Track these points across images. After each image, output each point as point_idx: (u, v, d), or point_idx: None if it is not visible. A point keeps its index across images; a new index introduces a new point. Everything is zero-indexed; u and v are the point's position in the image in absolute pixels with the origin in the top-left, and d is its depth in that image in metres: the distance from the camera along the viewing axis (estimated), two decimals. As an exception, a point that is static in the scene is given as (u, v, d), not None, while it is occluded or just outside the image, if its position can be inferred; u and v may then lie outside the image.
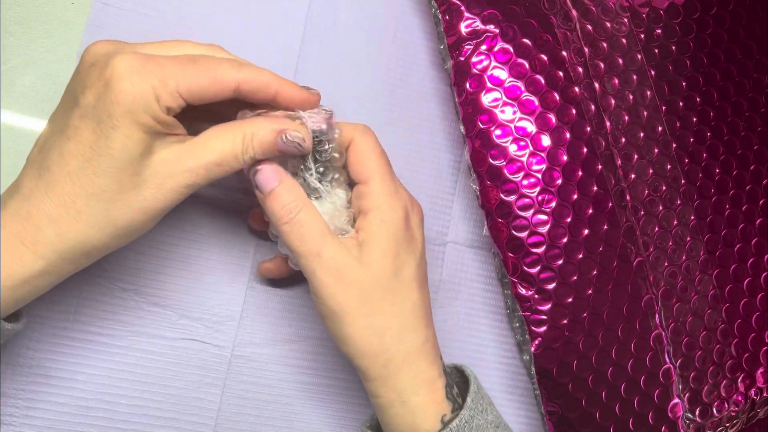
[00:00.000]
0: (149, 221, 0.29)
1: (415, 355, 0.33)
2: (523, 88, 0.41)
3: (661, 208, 0.43)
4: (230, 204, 0.39)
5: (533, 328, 0.40)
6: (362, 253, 0.32)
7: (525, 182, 0.40)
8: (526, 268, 0.40)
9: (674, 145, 0.44)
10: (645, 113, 0.43)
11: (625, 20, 0.43)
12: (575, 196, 0.41)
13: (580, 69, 0.42)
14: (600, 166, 0.42)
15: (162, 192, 0.29)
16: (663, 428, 0.42)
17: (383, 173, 0.33)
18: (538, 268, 0.40)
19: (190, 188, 0.29)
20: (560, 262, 0.40)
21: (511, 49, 0.41)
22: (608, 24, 0.43)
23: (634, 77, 0.43)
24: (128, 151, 0.27)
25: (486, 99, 0.40)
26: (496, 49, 0.41)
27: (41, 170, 0.28)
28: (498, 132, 0.40)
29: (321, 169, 0.33)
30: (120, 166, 0.27)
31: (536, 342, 0.40)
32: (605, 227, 0.41)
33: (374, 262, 0.32)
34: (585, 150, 0.41)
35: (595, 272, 0.41)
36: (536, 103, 0.41)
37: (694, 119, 0.44)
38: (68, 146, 0.28)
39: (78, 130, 0.28)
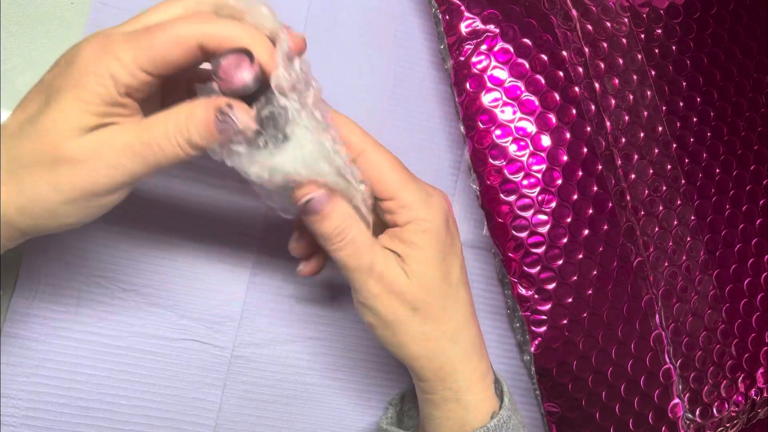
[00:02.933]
0: (63, 204, 0.26)
1: (469, 355, 0.33)
2: (523, 88, 0.41)
3: (661, 208, 0.43)
4: (231, 204, 0.39)
5: (533, 328, 0.40)
6: (410, 264, 0.31)
7: (525, 182, 0.40)
8: (526, 268, 0.40)
9: (674, 145, 0.43)
10: (645, 113, 0.43)
11: (626, 20, 0.43)
12: (575, 197, 0.41)
13: (581, 69, 0.42)
14: (600, 166, 0.42)
15: (81, 171, 0.26)
16: (663, 428, 0.42)
17: (408, 182, 0.32)
18: (538, 268, 0.40)
19: (117, 172, 0.26)
20: (560, 262, 0.40)
21: (511, 49, 0.41)
22: (608, 24, 0.43)
23: (635, 77, 0.43)
24: (56, 123, 0.26)
25: (486, 99, 0.40)
26: (496, 49, 0.41)
27: None
28: (498, 132, 0.40)
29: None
30: (44, 135, 0.26)
31: (536, 342, 0.40)
32: (605, 227, 0.41)
33: (423, 272, 0.31)
34: (585, 150, 0.41)
35: (595, 272, 0.41)
36: (536, 103, 0.41)
37: (695, 119, 0.44)
38: (15, 114, 0.27)
39: (29, 102, 0.27)
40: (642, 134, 0.43)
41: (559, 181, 0.41)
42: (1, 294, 0.34)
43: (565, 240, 0.40)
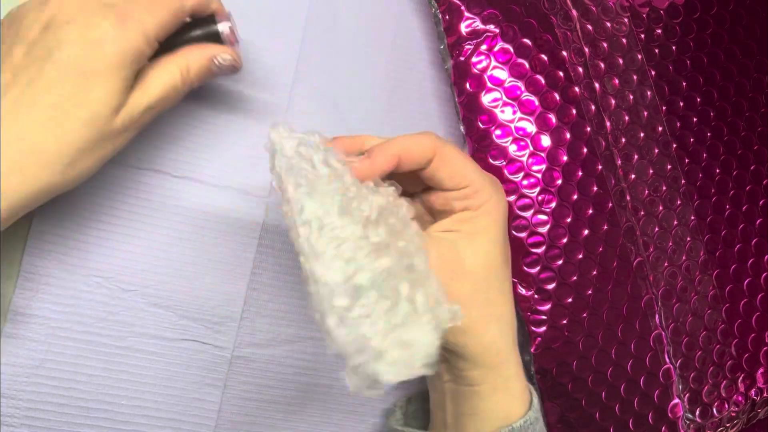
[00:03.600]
0: (98, 168, 0.30)
1: (515, 341, 0.33)
2: (523, 88, 0.41)
3: (661, 208, 0.43)
4: (231, 204, 0.39)
5: (533, 328, 0.40)
6: (478, 244, 0.32)
7: (525, 182, 0.40)
8: (525, 268, 0.40)
9: (674, 145, 0.43)
10: (645, 113, 0.43)
11: (626, 20, 0.43)
12: (575, 197, 0.41)
13: (581, 69, 0.42)
14: (600, 166, 0.42)
15: (117, 142, 0.30)
16: (663, 428, 0.42)
17: (476, 169, 0.33)
18: (538, 268, 0.40)
19: (137, 130, 0.31)
20: (560, 262, 0.40)
21: (511, 49, 0.41)
22: (608, 24, 0.43)
23: (635, 77, 0.43)
24: (107, 105, 0.29)
25: (486, 99, 0.40)
26: (496, 49, 0.41)
27: (11, 120, 0.28)
28: (498, 132, 0.40)
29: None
30: (98, 118, 0.28)
31: (536, 342, 0.40)
32: (605, 227, 0.41)
33: (489, 251, 0.32)
34: (585, 150, 0.41)
35: (594, 272, 0.41)
36: (536, 103, 0.41)
37: (695, 119, 0.44)
38: (46, 99, 0.28)
39: (58, 84, 0.28)
40: (642, 134, 0.43)
41: (559, 181, 0.41)
42: (1, 294, 0.34)
43: (565, 240, 0.40)
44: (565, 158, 0.41)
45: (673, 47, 0.44)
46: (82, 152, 0.29)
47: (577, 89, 0.41)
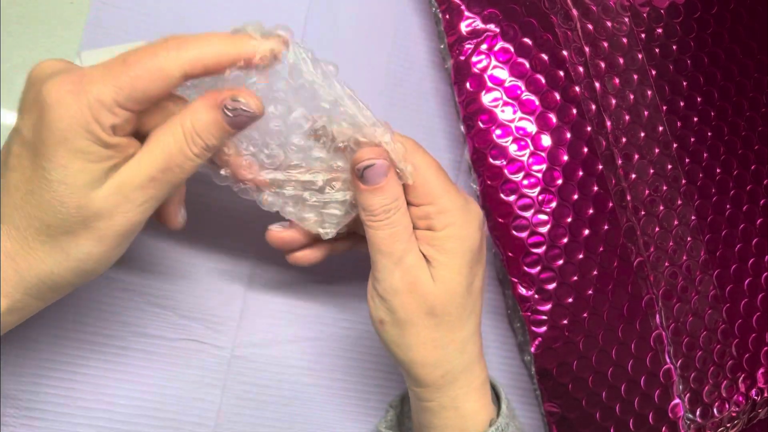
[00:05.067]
0: (111, 250, 0.27)
1: (473, 364, 0.33)
2: (523, 88, 0.41)
3: (661, 208, 0.43)
4: (230, 204, 0.39)
5: (533, 328, 0.40)
6: (438, 269, 0.31)
7: (525, 182, 0.40)
8: (526, 269, 0.40)
9: (675, 145, 0.43)
10: (646, 113, 0.43)
11: (626, 19, 0.43)
12: (575, 196, 0.41)
13: (581, 68, 0.42)
14: (600, 166, 0.42)
15: (117, 218, 0.26)
16: (663, 429, 0.42)
17: (449, 188, 0.31)
18: (539, 268, 0.40)
19: (149, 204, 0.27)
20: (560, 262, 0.40)
21: (512, 49, 0.41)
22: (609, 23, 0.43)
23: (635, 77, 0.43)
24: (68, 185, 0.25)
25: (486, 99, 0.40)
26: (496, 48, 0.40)
27: None
28: (498, 132, 0.40)
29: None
30: (62, 201, 0.25)
31: (536, 342, 0.40)
32: (605, 227, 0.41)
33: (450, 279, 0.31)
34: (585, 150, 0.41)
35: (595, 272, 0.41)
36: (537, 102, 0.41)
37: (695, 119, 0.44)
38: (13, 178, 0.26)
39: (19, 159, 0.25)
40: (642, 134, 0.43)
41: (560, 181, 0.41)
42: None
43: (565, 240, 0.40)
44: (565, 158, 0.41)
45: (674, 47, 0.44)
46: (66, 236, 0.25)
47: (577, 89, 0.41)
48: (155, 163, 0.26)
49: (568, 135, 0.41)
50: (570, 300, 0.40)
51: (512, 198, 0.40)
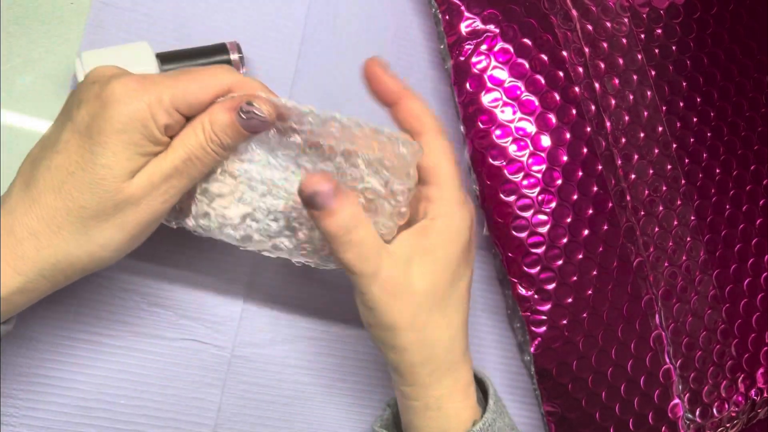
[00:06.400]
0: (129, 240, 0.29)
1: (458, 363, 0.33)
2: (523, 88, 0.41)
3: (661, 208, 0.43)
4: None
5: (533, 328, 0.40)
6: (425, 265, 0.31)
7: (525, 182, 0.40)
8: (525, 269, 0.40)
9: (674, 145, 0.43)
10: (645, 113, 0.43)
11: (626, 20, 0.43)
12: (575, 197, 0.41)
13: (581, 69, 0.42)
14: (600, 167, 0.42)
15: (142, 206, 0.28)
16: (663, 429, 0.42)
17: (455, 180, 0.32)
18: (538, 268, 0.40)
19: (171, 194, 0.29)
20: (560, 262, 0.40)
21: (511, 49, 0.41)
22: (608, 24, 0.43)
23: (635, 77, 0.43)
24: (112, 170, 0.27)
25: (486, 99, 0.40)
26: (496, 49, 0.41)
27: (29, 183, 0.28)
28: (498, 132, 0.40)
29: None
30: (102, 183, 0.27)
31: (536, 342, 0.40)
32: (605, 227, 0.41)
33: (436, 275, 0.31)
34: (585, 150, 0.41)
35: (594, 272, 0.41)
36: (536, 103, 0.41)
37: (695, 119, 0.44)
38: (56, 160, 0.28)
39: (68, 144, 0.28)
40: (642, 134, 0.43)
41: (559, 182, 0.41)
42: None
43: (565, 240, 0.40)
44: (565, 158, 0.41)
45: (673, 47, 0.44)
46: (94, 219, 0.27)
47: (577, 89, 0.41)
48: (178, 154, 0.29)
49: (568, 135, 0.41)
50: (570, 300, 0.40)
51: (512, 198, 0.40)
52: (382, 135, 0.31)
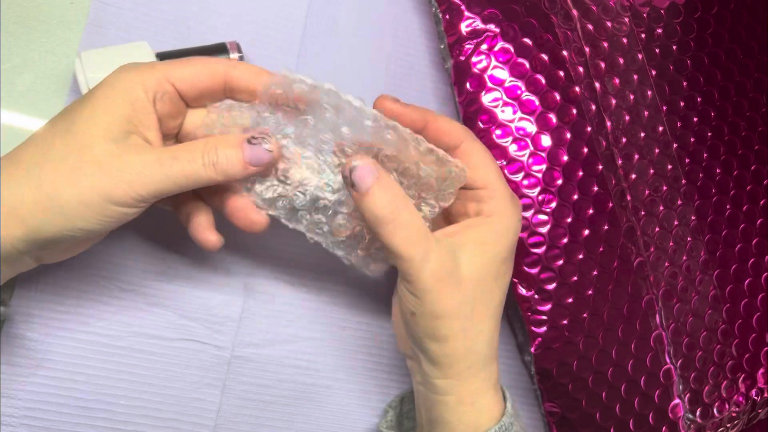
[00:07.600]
0: (80, 206, 0.27)
1: (493, 358, 0.33)
2: (523, 88, 0.41)
3: (661, 208, 0.43)
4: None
5: (533, 328, 0.40)
6: (476, 257, 0.31)
7: (525, 182, 0.40)
8: (526, 269, 0.40)
9: (675, 145, 0.43)
10: (646, 113, 0.43)
11: (626, 20, 0.43)
12: (575, 197, 0.41)
13: (581, 68, 0.42)
14: (600, 166, 0.41)
15: (103, 177, 0.27)
16: (663, 429, 0.42)
17: (503, 179, 0.33)
18: (538, 268, 0.40)
19: (142, 185, 0.28)
20: (560, 262, 0.40)
21: (512, 49, 0.41)
22: (609, 23, 0.43)
23: (635, 77, 0.43)
24: (86, 124, 0.28)
25: (486, 99, 0.40)
26: (496, 48, 0.40)
27: (37, 143, 0.29)
28: (498, 132, 0.40)
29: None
30: (73, 137, 0.28)
31: (536, 342, 0.40)
32: (605, 227, 0.41)
33: (484, 267, 0.31)
34: (585, 150, 0.41)
35: (595, 273, 0.41)
36: (536, 102, 0.41)
37: (695, 119, 0.44)
38: (57, 121, 0.29)
39: (69, 109, 0.29)
40: (642, 134, 0.43)
41: (560, 181, 0.40)
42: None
43: (565, 240, 0.40)
44: (565, 158, 0.41)
45: (674, 47, 0.44)
46: (57, 168, 0.28)
47: (577, 89, 0.41)
48: (165, 151, 0.29)
49: (568, 135, 0.41)
50: (570, 300, 0.40)
51: (512, 198, 0.40)
52: (434, 155, 0.32)
